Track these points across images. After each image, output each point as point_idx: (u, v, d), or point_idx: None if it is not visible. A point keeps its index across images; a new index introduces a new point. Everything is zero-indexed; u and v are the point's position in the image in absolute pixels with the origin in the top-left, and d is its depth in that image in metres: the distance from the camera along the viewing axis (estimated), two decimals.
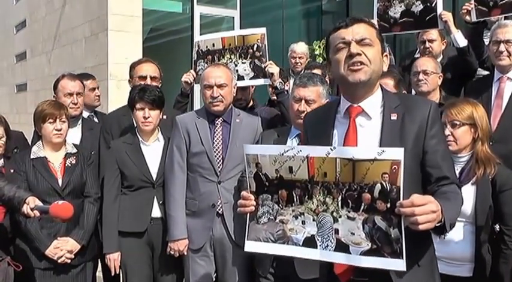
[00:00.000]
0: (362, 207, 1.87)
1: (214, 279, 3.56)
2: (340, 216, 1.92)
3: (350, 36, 2.05)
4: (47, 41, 10.39)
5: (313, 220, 1.99)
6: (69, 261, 3.37)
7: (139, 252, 3.48)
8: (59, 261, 3.34)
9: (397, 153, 1.80)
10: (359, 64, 2.03)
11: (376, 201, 1.84)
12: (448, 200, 1.92)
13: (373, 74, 2.06)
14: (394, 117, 2.06)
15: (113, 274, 3.49)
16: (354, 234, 1.89)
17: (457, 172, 2.81)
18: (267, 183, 2.10)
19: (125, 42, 7.53)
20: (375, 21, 4.11)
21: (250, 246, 2.14)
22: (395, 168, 1.78)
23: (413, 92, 4.34)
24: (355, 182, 1.88)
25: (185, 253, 3.40)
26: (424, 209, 1.74)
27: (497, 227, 2.79)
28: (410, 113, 2.06)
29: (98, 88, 4.64)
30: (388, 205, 1.81)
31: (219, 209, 3.34)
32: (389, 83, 3.61)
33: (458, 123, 2.83)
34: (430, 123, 2.03)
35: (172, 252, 3.40)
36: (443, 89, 3.91)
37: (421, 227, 1.74)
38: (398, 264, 1.80)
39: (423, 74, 3.80)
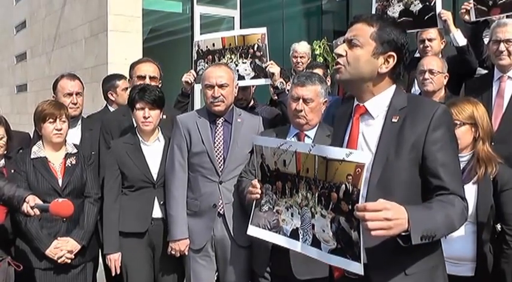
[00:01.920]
0: (330, 206, 1.91)
1: (215, 279, 3.56)
2: (316, 212, 1.98)
3: (346, 36, 2.07)
4: (47, 41, 10.39)
5: (298, 213, 2.06)
6: (69, 261, 3.38)
7: (140, 252, 3.47)
8: (59, 261, 3.34)
9: (362, 157, 1.81)
10: (338, 65, 2.05)
11: (341, 202, 1.86)
12: (428, 209, 1.87)
13: (352, 76, 2.03)
14: (395, 119, 2.01)
15: (113, 274, 3.48)
16: (324, 231, 1.94)
17: None
18: (268, 174, 2.21)
19: (125, 43, 7.54)
20: None
21: (252, 231, 2.31)
22: (358, 171, 1.80)
23: (412, 91, 4.34)
24: (327, 180, 1.91)
25: (186, 253, 3.39)
26: (376, 215, 1.71)
27: (498, 226, 2.79)
28: (413, 116, 1.99)
29: (129, 88, 4.66)
30: (350, 207, 1.82)
31: (220, 209, 3.33)
32: None
33: (458, 122, 2.81)
34: (432, 128, 1.94)
35: (173, 253, 3.39)
36: None
37: (372, 233, 1.71)
38: (356, 267, 1.82)
39: (429, 73, 3.80)
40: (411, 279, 1.97)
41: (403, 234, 1.77)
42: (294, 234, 2.08)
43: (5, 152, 3.44)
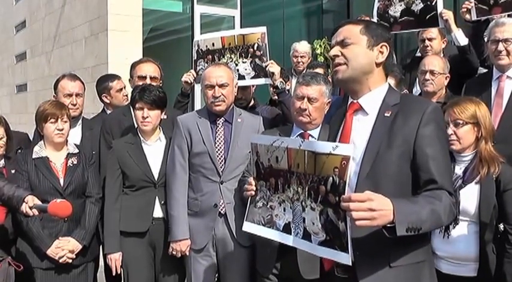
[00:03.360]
0: (319, 199, 1.96)
1: (216, 279, 3.55)
2: (306, 206, 2.03)
3: (334, 41, 2.17)
4: (46, 41, 10.37)
5: (290, 208, 2.12)
6: (70, 261, 3.38)
7: (141, 252, 3.47)
8: (60, 261, 3.34)
9: (347, 149, 1.87)
10: (336, 66, 2.13)
11: (329, 194, 1.91)
12: (414, 203, 1.92)
13: (354, 70, 2.11)
14: (387, 114, 2.09)
15: (114, 274, 3.48)
16: (314, 224, 1.99)
17: (461, 171, 2.82)
18: (262, 171, 2.27)
19: (125, 42, 7.52)
20: (374, 20, 4.10)
21: (247, 227, 2.36)
22: (344, 163, 1.86)
23: (414, 90, 4.34)
24: (316, 174, 1.97)
25: (187, 253, 3.39)
26: (360, 205, 1.77)
27: (501, 226, 2.77)
28: (405, 111, 2.06)
29: (125, 87, 4.57)
30: (337, 199, 1.88)
31: (222, 209, 3.33)
32: (390, 82, 3.58)
33: (461, 122, 2.82)
34: (423, 123, 2.01)
35: (174, 253, 3.39)
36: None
37: (357, 223, 1.77)
38: (344, 258, 1.88)
39: (430, 74, 3.81)
40: (396, 272, 2.01)
41: (389, 225, 1.82)
42: (286, 229, 2.14)
43: (5, 152, 3.43)
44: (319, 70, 4.86)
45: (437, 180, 1.98)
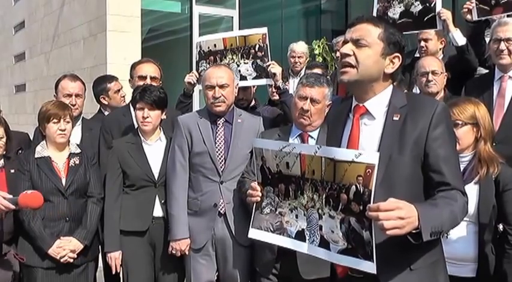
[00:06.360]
0: (340, 207, 1.92)
1: (215, 278, 3.56)
2: (324, 214, 1.99)
3: (349, 36, 2.08)
4: (45, 41, 10.36)
5: (304, 215, 2.07)
6: (71, 261, 3.38)
7: (141, 251, 3.48)
8: (62, 260, 3.35)
9: (372, 157, 1.82)
10: (346, 66, 2.05)
11: (351, 203, 1.87)
12: (434, 206, 1.91)
13: (362, 77, 2.04)
14: (396, 117, 2.04)
15: (114, 273, 3.49)
16: (333, 232, 1.95)
17: None
18: (269, 176, 2.21)
19: (123, 43, 7.51)
20: None
21: (253, 234, 2.29)
22: (369, 171, 1.81)
23: (414, 91, 4.33)
24: (335, 181, 1.92)
25: (187, 253, 3.40)
26: (390, 214, 1.74)
27: (500, 226, 2.78)
28: (414, 113, 2.02)
29: (122, 88, 4.59)
30: (361, 207, 1.84)
31: (221, 209, 3.34)
32: None
33: (460, 123, 2.81)
34: (433, 125, 1.99)
35: (174, 252, 3.40)
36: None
37: (387, 232, 1.75)
38: (369, 266, 1.83)
39: (432, 74, 3.78)
40: (416, 274, 2.01)
41: (414, 231, 1.80)
42: (300, 236, 2.08)
43: (4, 153, 3.43)
44: (318, 70, 4.88)
45: (450, 181, 1.98)
